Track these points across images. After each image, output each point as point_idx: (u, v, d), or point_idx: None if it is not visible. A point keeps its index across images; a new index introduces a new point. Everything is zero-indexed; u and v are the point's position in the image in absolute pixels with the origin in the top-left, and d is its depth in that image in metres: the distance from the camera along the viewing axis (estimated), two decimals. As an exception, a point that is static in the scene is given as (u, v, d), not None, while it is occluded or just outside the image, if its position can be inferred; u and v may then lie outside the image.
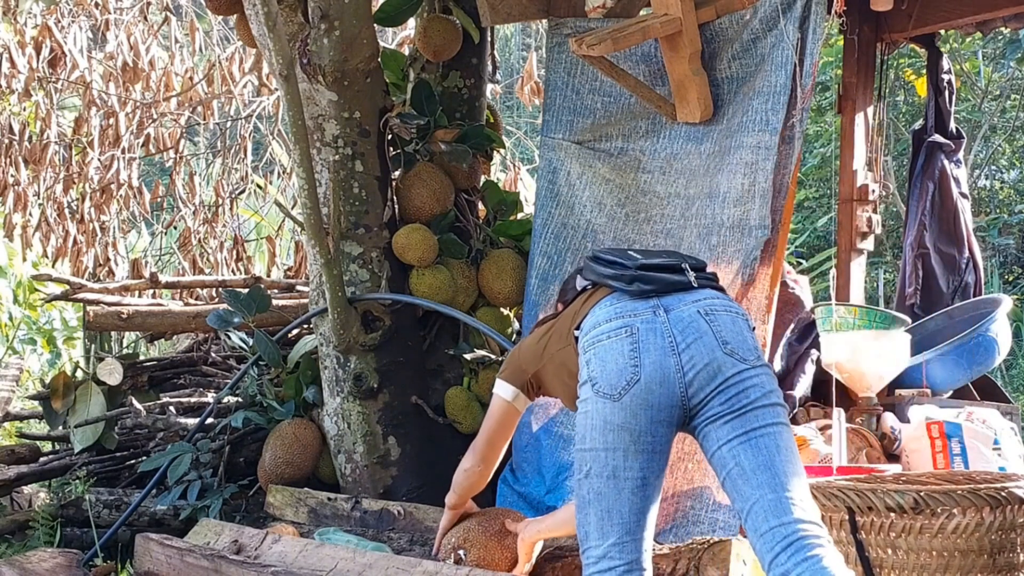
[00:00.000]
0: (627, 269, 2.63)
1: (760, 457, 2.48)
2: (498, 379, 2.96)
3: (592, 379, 2.55)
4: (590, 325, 2.63)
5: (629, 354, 2.52)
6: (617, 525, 2.54)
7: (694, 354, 2.52)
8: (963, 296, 5.10)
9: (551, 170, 4.35)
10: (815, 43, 3.76)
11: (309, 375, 4.53)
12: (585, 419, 2.57)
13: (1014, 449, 3.96)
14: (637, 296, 2.59)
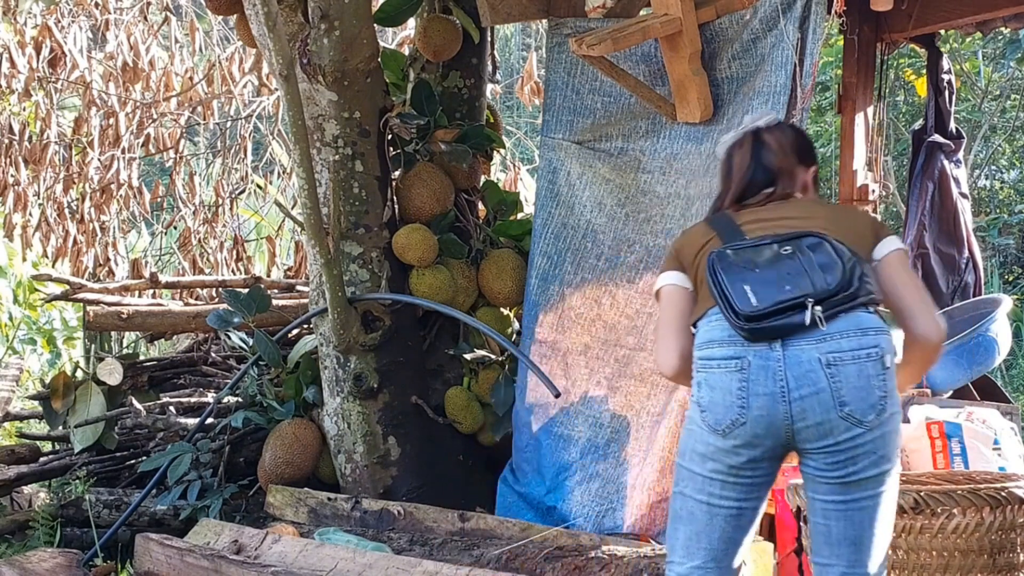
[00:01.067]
0: (738, 315, 2.42)
1: (850, 531, 2.42)
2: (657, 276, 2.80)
3: (700, 405, 2.45)
4: (704, 339, 2.50)
5: (737, 392, 2.39)
6: (704, 550, 2.47)
7: (806, 408, 2.36)
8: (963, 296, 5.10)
9: (551, 170, 4.35)
10: (815, 43, 3.76)
11: (309, 375, 4.53)
12: (689, 437, 2.49)
13: (1014, 449, 3.96)
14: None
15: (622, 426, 3.97)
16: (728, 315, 2.43)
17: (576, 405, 4.11)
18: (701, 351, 2.50)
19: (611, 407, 4.02)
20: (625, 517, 3.83)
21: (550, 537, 3.57)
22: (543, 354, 4.21)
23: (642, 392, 3.95)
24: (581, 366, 4.14)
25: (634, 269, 4.11)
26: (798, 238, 2.47)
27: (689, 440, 2.48)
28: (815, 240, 2.46)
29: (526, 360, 4.15)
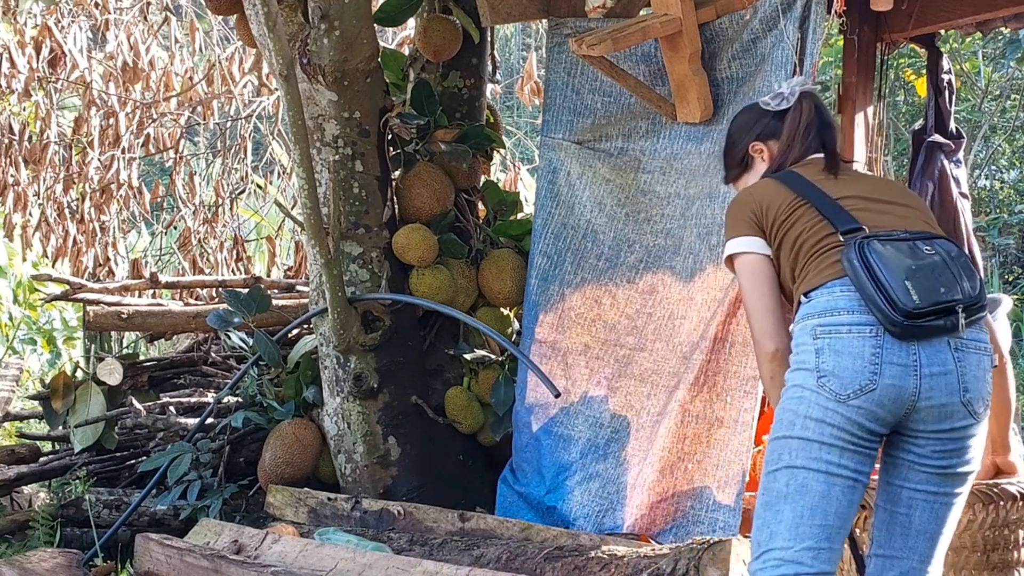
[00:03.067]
0: (896, 310, 2.34)
1: (932, 524, 2.42)
2: (731, 240, 2.70)
3: (821, 371, 2.37)
4: (826, 307, 2.44)
5: (871, 357, 2.34)
6: (818, 527, 2.33)
7: (934, 386, 2.35)
8: (963, 296, 5.09)
9: (551, 170, 4.35)
10: (815, 43, 3.76)
11: (309, 375, 4.54)
12: (799, 404, 2.38)
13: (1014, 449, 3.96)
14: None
15: (622, 426, 3.97)
16: (885, 308, 2.34)
17: (576, 405, 4.11)
18: (822, 318, 2.43)
19: (611, 407, 4.02)
20: (625, 517, 3.83)
21: (550, 537, 3.57)
22: (543, 354, 4.21)
23: (642, 392, 3.95)
24: (581, 366, 4.14)
25: (634, 269, 4.11)
26: (933, 239, 2.49)
27: (800, 407, 2.38)
28: (954, 248, 2.48)
29: (526, 360, 4.15)
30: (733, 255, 2.68)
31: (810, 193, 2.61)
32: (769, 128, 2.84)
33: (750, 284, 2.62)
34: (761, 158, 2.86)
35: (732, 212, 2.72)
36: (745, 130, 2.90)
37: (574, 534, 3.56)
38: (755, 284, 2.61)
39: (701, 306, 3.83)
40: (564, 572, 3.25)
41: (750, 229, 2.66)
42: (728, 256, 2.71)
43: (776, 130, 2.82)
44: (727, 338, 3.73)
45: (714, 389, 3.73)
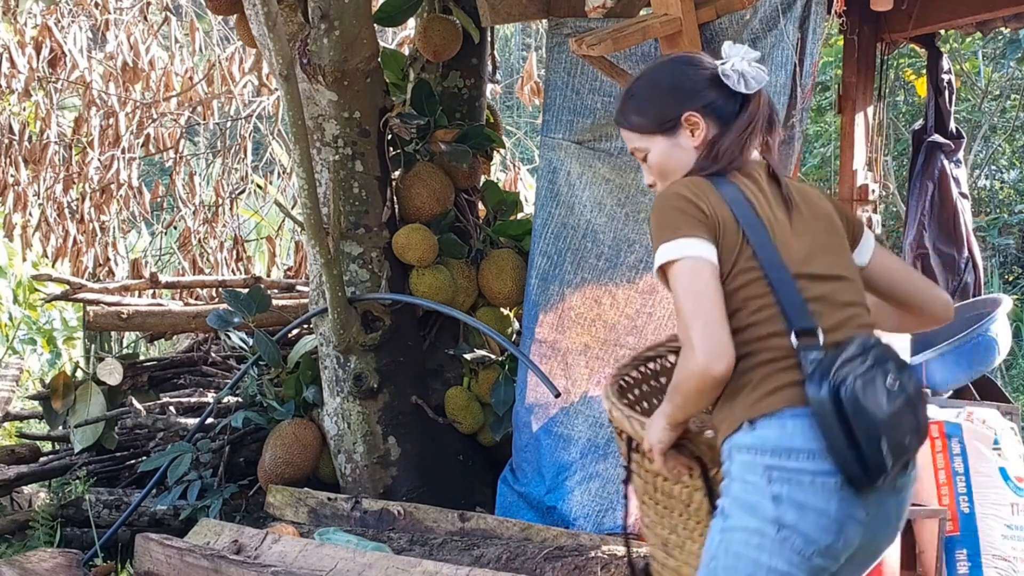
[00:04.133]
0: (866, 471, 2.03)
1: None
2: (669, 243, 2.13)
3: (782, 523, 2.05)
4: (779, 443, 2.06)
5: (836, 515, 2.05)
6: None
7: (877, 535, 2.13)
8: (963, 296, 5.10)
9: (551, 170, 4.35)
10: (815, 43, 3.76)
11: (309, 375, 4.53)
12: (760, 553, 2.07)
13: (1014, 449, 3.97)
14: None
15: (622, 426, 3.96)
16: (854, 468, 2.03)
17: (576, 405, 4.11)
18: (777, 459, 2.06)
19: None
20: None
21: (550, 537, 3.57)
22: (543, 354, 4.21)
23: (642, 392, 3.94)
24: (581, 366, 4.14)
25: (634, 269, 4.11)
26: (901, 368, 2.12)
27: (761, 556, 2.07)
28: (912, 372, 2.15)
29: (526, 360, 4.15)
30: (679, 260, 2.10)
31: (756, 235, 2.15)
32: (715, 105, 2.26)
33: (701, 287, 2.08)
34: (690, 133, 2.26)
35: (675, 205, 2.15)
36: (686, 90, 2.27)
37: (574, 534, 3.56)
38: (708, 288, 2.09)
39: (701, 306, 3.82)
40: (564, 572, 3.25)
41: (704, 231, 2.13)
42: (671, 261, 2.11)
43: (722, 112, 2.25)
44: (727, 338, 3.72)
45: (714, 389, 3.72)
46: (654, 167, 2.33)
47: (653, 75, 2.38)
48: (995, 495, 3.87)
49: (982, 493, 3.86)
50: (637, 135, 2.34)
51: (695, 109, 2.27)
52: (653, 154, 2.31)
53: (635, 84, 2.38)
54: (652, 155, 2.31)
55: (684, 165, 2.28)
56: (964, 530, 3.84)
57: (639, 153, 2.35)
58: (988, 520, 3.85)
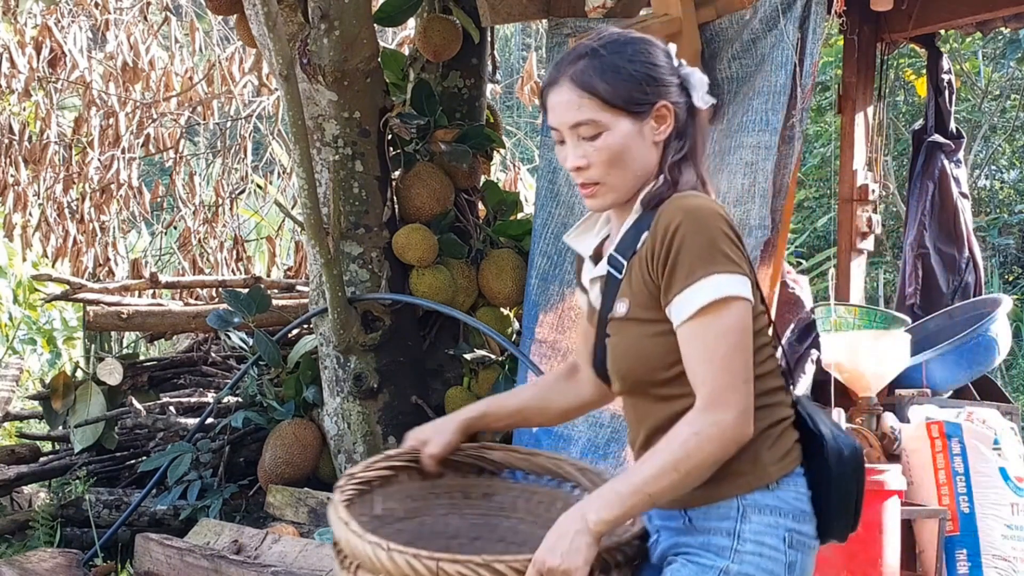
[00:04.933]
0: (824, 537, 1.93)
1: None
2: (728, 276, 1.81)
3: None
4: (796, 506, 1.88)
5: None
6: None
7: None
8: (963, 296, 5.09)
9: (551, 170, 4.35)
10: (815, 43, 3.76)
11: (309, 375, 4.53)
12: None
13: (1014, 449, 3.96)
14: None
15: (622, 426, 3.97)
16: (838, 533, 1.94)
17: (576, 405, 4.11)
18: (797, 523, 1.88)
19: (611, 407, 4.02)
20: (625, 517, 3.82)
21: (550, 537, 3.56)
22: (543, 354, 4.21)
23: (642, 392, 3.94)
24: (581, 366, 4.14)
25: (634, 269, 4.11)
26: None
27: None
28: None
29: (526, 360, 4.15)
30: (736, 300, 1.80)
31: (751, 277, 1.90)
32: (679, 106, 1.96)
33: (746, 340, 1.82)
34: (656, 128, 1.93)
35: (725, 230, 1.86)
36: (663, 77, 1.93)
37: (574, 534, 3.56)
38: (749, 341, 1.83)
39: (701, 306, 3.82)
40: (564, 572, 3.24)
41: (747, 268, 1.87)
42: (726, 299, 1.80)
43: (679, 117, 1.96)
44: (727, 338, 3.72)
45: (714, 389, 3.72)
46: (605, 151, 1.89)
47: (628, 47, 1.93)
48: (995, 495, 3.86)
49: (982, 493, 3.86)
50: (596, 105, 1.88)
51: (669, 101, 1.93)
52: (612, 136, 1.88)
53: (601, 45, 1.91)
54: (610, 136, 1.88)
55: (640, 161, 1.91)
56: (964, 530, 3.84)
57: (585, 129, 1.88)
58: (988, 520, 3.84)
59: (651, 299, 1.86)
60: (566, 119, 1.90)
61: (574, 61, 1.91)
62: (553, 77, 1.93)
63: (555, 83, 1.92)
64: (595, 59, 1.90)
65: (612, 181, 1.91)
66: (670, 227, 1.83)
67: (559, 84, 1.91)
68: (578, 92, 1.89)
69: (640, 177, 1.93)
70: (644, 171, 1.93)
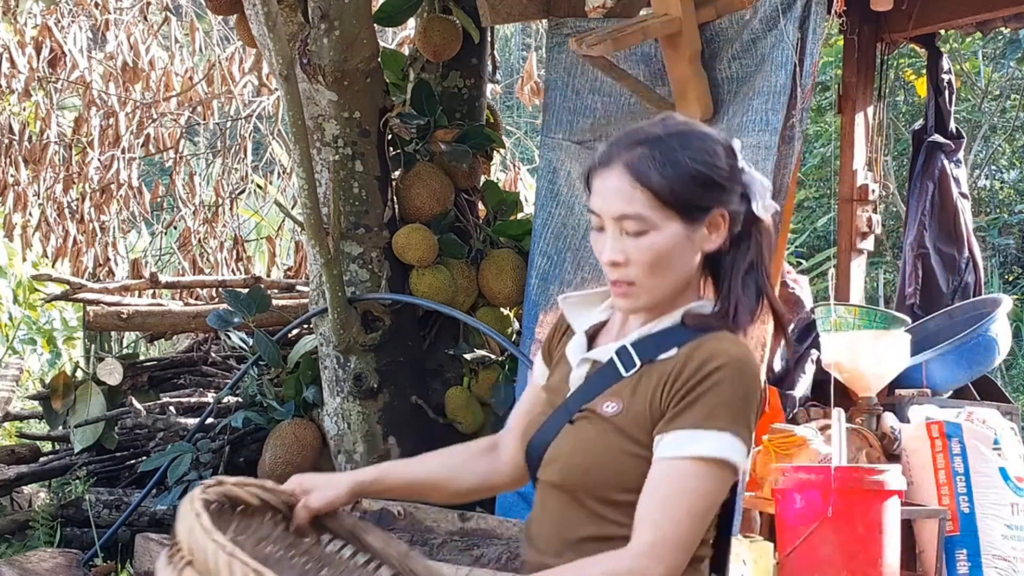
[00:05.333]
0: None
1: None
2: (732, 436, 1.65)
3: None
4: None
5: None
6: None
7: None
8: (963, 296, 5.10)
9: (551, 170, 4.35)
10: (815, 43, 3.76)
11: (309, 375, 4.53)
12: None
13: (1014, 449, 3.96)
14: None
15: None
16: None
17: (576, 405, 4.11)
18: None
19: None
20: (625, 517, 3.82)
21: (550, 537, 3.56)
22: (543, 354, 4.20)
23: (642, 392, 3.94)
24: (581, 366, 4.13)
25: (634, 269, 4.10)
26: None
27: None
28: None
29: (526, 360, 4.15)
30: (724, 463, 1.64)
31: None
32: (735, 215, 1.75)
33: (709, 508, 1.66)
34: (708, 236, 1.73)
35: (755, 391, 1.69)
36: (725, 180, 1.74)
37: (574, 534, 3.55)
38: (712, 512, 1.68)
39: (701, 306, 3.82)
40: (564, 572, 3.24)
41: (752, 441, 1.73)
42: (715, 459, 1.63)
43: (733, 227, 1.75)
44: (727, 338, 3.72)
45: (714, 389, 3.72)
46: (649, 252, 1.69)
47: (694, 141, 1.73)
48: (995, 495, 3.87)
49: (982, 493, 3.86)
50: (648, 200, 1.68)
51: (727, 208, 1.73)
52: (660, 237, 1.68)
53: (667, 135, 1.72)
54: (657, 237, 1.68)
55: (684, 268, 1.72)
56: (964, 530, 3.84)
57: (631, 224, 1.68)
58: (988, 520, 3.84)
59: (646, 419, 1.68)
60: (612, 208, 1.69)
61: (632, 146, 1.71)
62: (605, 157, 1.72)
63: (607, 165, 1.71)
64: (656, 149, 1.69)
65: (649, 284, 1.71)
66: (711, 363, 1.64)
67: (611, 168, 1.70)
68: (631, 181, 1.68)
69: (677, 285, 1.73)
70: (683, 279, 1.73)
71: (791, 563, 3.40)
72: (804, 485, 3.43)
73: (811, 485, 3.40)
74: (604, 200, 1.71)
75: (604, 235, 1.72)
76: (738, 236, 1.76)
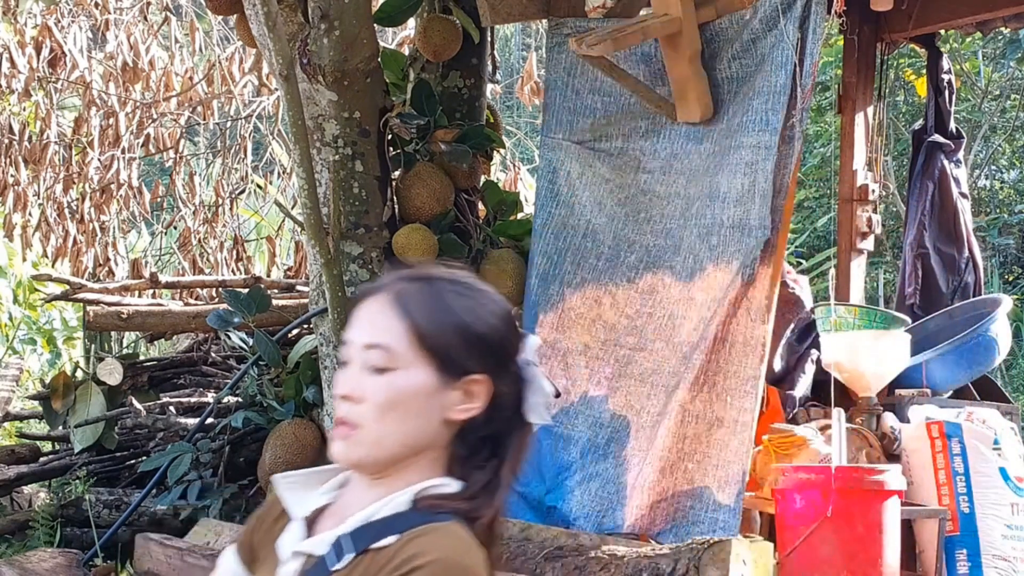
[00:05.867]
0: None
1: None
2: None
3: None
4: None
5: None
6: None
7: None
8: (963, 296, 5.10)
9: (551, 170, 4.35)
10: (815, 43, 3.76)
11: (309, 375, 4.53)
12: None
13: (1014, 449, 3.97)
14: None
15: (622, 426, 3.97)
16: None
17: (576, 405, 4.11)
18: None
19: (611, 407, 4.02)
20: (625, 517, 3.83)
21: (550, 537, 3.57)
22: (543, 354, 4.18)
23: (642, 392, 3.95)
24: (581, 366, 4.14)
25: (634, 269, 4.11)
26: None
27: None
28: None
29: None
30: None
31: None
32: (500, 398, 1.52)
33: None
34: (459, 403, 1.50)
35: None
36: (495, 350, 1.53)
37: (574, 534, 3.56)
38: None
39: (701, 306, 3.82)
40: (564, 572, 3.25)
41: None
42: None
43: (497, 412, 1.52)
44: (727, 338, 3.72)
45: (714, 389, 3.73)
46: (388, 391, 1.47)
47: (476, 295, 1.55)
48: (995, 495, 3.87)
49: (982, 493, 3.86)
50: (404, 335, 1.48)
51: (490, 376, 1.50)
52: (404, 379, 1.47)
53: (447, 279, 1.57)
54: (401, 379, 1.47)
55: (422, 429, 1.48)
56: (964, 530, 3.84)
57: (377, 355, 1.47)
58: (988, 520, 3.85)
59: None
60: (363, 336, 1.49)
61: (409, 280, 1.55)
62: (375, 286, 1.56)
63: (374, 293, 1.54)
64: (432, 288, 1.53)
65: (376, 431, 1.46)
66: (411, 563, 1.39)
67: (377, 296, 1.53)
68: (392, 311, 1.49)
69: (408, 444, 1.48)
70: (417, 439, 1.48)
71: (791, 563, 3.40)
72: (804, 485, 3.43)
73: (811, 485, 3.40)
74: (359, 328, 1.51)
75: (347, 369, 1.50)
76: (498, 422, 1.52)
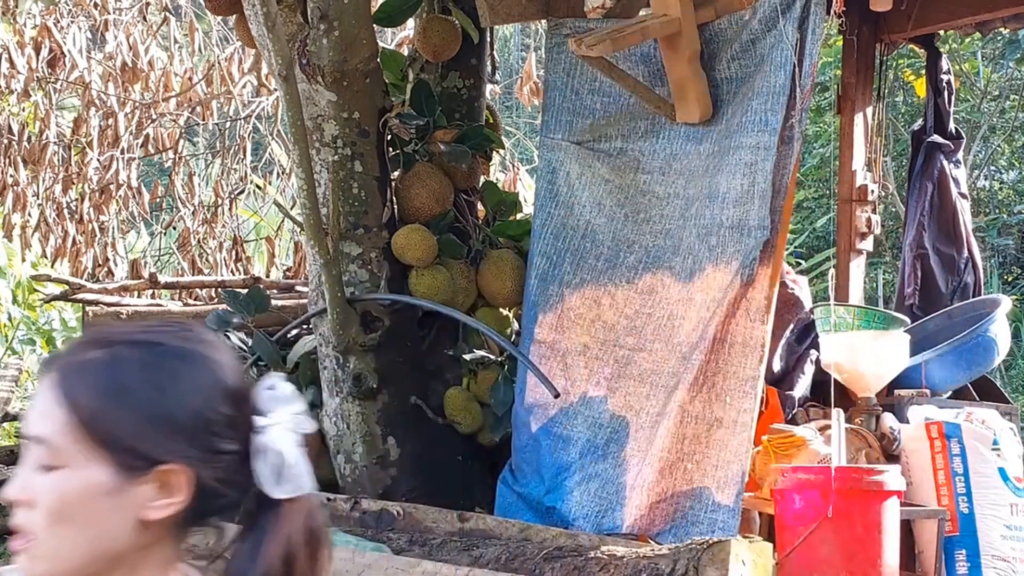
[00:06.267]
0: None
1: None
2: None
3: None
4: None
5: None
6: None
7: None
8: (962, 296, 5.10)
9: (550, 170, 4.35)
10: (814, 43, 3.76)
11: (308, 375, 4.53)
12: None
13: (1013, 449, 3.97)
14: None
15: (621, 426, 3.97)
16: None
17: (575, 405, 4.11)
18: None
19: (610, 407, 4.02)
20: (624, 517, 3.83)
21: (549, 537, 3.57)
22: (542, 354, 4.21)
23: (641, 392, 3.95)
24: (580, 366, 4.14)
25: (633, 269, 4.11)
26: None
27: None
28: None
29: (525, 360, 4.15)
30: None
31: None
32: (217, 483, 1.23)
33: None
34: (153, 499, 1.21)
35: None
36: (191, 422, 1.21)
37: (573, 534, 3.56)
38: None
39: (700, 306, 3.83)
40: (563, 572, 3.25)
41: None
42: None
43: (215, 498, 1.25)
44: (726, 339, 3.73)
45: (713, 390, 3.73)
46: (53, 497, 1.17)
47: (172, 361, 1.23)
48: (994, 495, 3.87)
49: (981, 493, 3.86)
50: (68, 424, 1.18)
51: (189, 465, 1.20)
52: (73, 481, 1.18)
53: (130, 343, 1.23)
54: (67, 480, 1.18)
55: (106, 543, 1.20)
56: (963, 530, 3.85)
57: (40, 452, 1.19)
58: (987, 520, 3.85)
59: None
60: (28, 427, 1.21)
61: (81, 350, 1.23)
62: (48, 359, 1.27)
63: (44, 369, 1.24)
64: (107, 360, 1.21)
65: (51, 545, 1.18)
66: None
67: (45, 373, 1.23)
68: (55, 395, 1.20)
69: (102, 559, 1.19)
70: (109, 553, 1.19)
71: (790, 563, 3.40)
72: (803, 485, 3.43)
73: (810, 485, 3.40)
74: (28, 415, 1.22)
75: (21, 465, 1.22)
76: (223, 507, 1.26)
